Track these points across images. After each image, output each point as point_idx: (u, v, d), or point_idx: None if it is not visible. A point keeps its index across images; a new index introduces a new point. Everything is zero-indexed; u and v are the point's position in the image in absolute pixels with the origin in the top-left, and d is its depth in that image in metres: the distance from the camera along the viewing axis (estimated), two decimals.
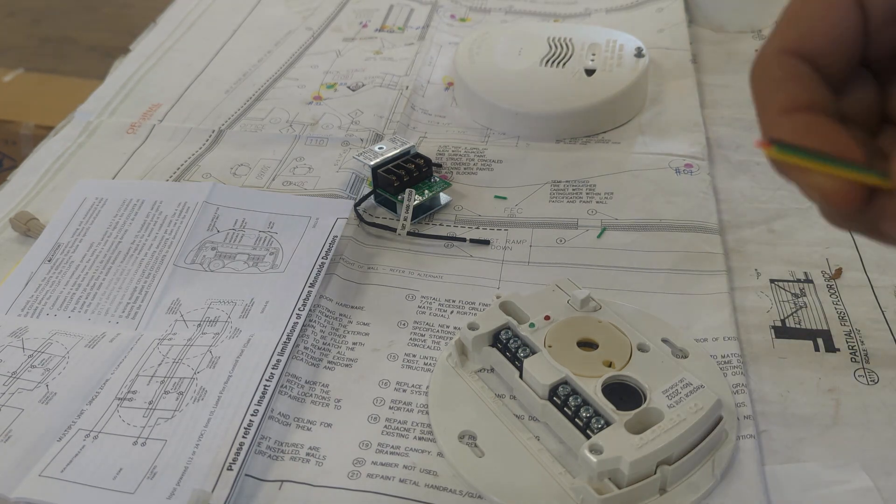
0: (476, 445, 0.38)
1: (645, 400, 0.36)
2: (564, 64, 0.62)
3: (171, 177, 0.58)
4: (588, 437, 0.35)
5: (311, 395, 0.41)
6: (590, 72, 0.61)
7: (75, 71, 1.72)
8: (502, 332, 0.40)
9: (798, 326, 0.44)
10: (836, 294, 0.45)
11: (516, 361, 0.39)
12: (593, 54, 0.62)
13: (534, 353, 0.39)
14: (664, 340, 0.41)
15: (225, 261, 0.49)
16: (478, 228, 0.51)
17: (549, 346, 0.39)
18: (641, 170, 0.56)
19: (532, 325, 0.40)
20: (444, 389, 0.41)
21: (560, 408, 0.37)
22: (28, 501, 0.36)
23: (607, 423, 0.35)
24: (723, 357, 0.41)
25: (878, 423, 0.38)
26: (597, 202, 0.53)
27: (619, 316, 0.41)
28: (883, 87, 0.23)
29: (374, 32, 0.75)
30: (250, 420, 0.38)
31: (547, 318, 0.40)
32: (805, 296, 0.45)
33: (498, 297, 0.42)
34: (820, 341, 0.43)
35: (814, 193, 0.22)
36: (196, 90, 0.68)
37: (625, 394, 0.37)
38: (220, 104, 0.66)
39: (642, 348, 0.39)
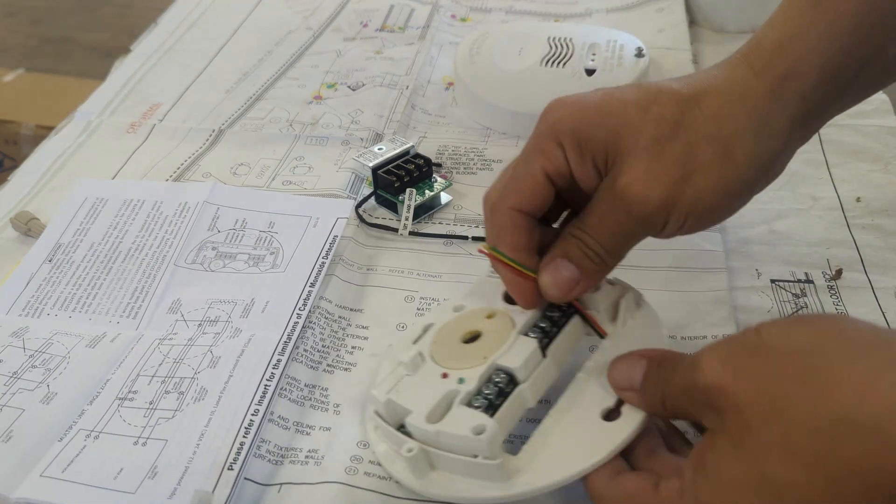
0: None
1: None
2: (565, 64, 0.62)
3: (171, 176, 0.58)
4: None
5: (311, 399, 0.41)
6: (590, 72, 0.61)
7: (75, 71, 1.72)
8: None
9: None
10: (837, 295, 0.45)
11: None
12: (593, 54, 0.62)
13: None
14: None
15: (225, 261, 0.49)
16: (478, 227, 0.51)
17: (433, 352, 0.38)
18: None
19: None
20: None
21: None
22: (29, 501, 0.36)
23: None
24: None
25: None
26: None
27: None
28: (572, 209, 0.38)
29: (375, 32, 0.75)
30: (251, 420, 0.38)
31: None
32: (806, 296, 0.46)
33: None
34: None
35: (507, 282, 0.37)
36: (196, 90, 0.68)
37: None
38: (220, 104, 0.66)
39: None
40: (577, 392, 0.36)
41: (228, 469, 0.36)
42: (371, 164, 0.53)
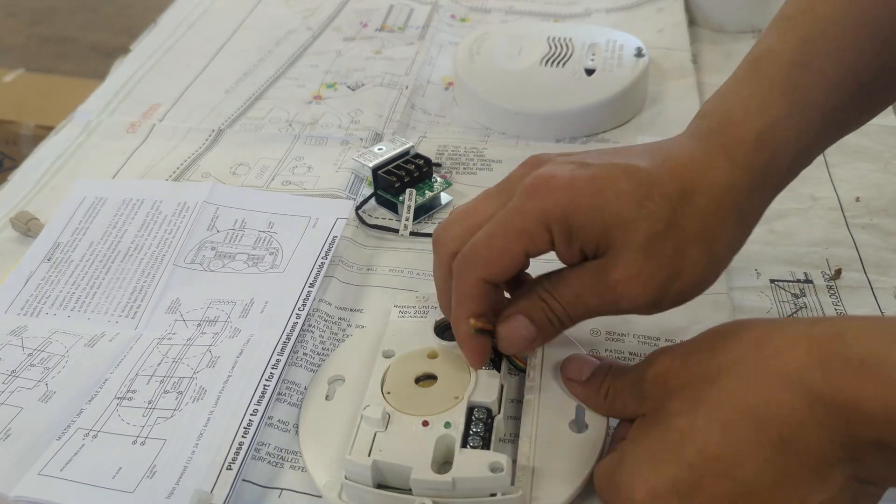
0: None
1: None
2: (564, 64, 0.62)
3: (170, 176, 0.58)
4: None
5: None
6: (590, 71, 0.61)
7: (75, 71, 1.72)
8: None
9: None
10: (836, 295, 0.45)
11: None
12: (593, 54, 0.62)
13: None
14: None
15: (224, 260, 0.49)
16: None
17: (388, 393, 0.38)
18: None
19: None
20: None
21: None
22: (27, 500, 0.36)
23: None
24: None
25: None
26: None
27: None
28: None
29: (375, 32, 0.75)
30: (249, 420, 0.38)
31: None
32: (805, 296, 0.45)
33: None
34: None
35: (466, 346, 0.37)
36: (196, 90, 0.68)
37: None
38: (219, 104, 0.66)
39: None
40: (534, 412, 0.38)
41: (227, 469, 0.36)
42: (371, 165, 0.53)
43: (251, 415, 0.38)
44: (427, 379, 0.38)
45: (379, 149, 0.54)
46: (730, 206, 0.35)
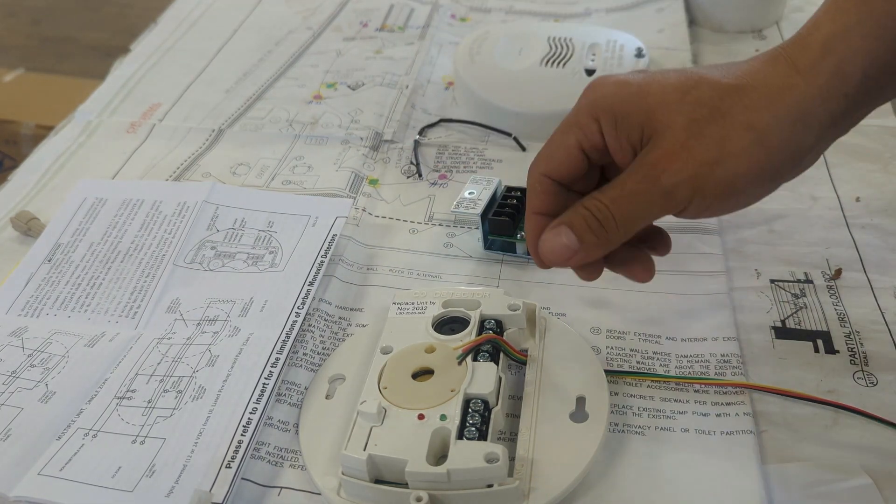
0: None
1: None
2: (564, 64, 0.62)
3: (170, 176, 0.58)
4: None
5: None
6: (590, 72, 0.61)
7: (75, 71, 1.72)
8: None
9: (798, 327, 0.44)
10: (836, 295, 0.45)
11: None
12: (593, 54, 0.62)
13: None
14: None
15: (224, 260, 0.49)
16: (477, 228, 0.51)
17: (385, 388, 0.38)
18: None
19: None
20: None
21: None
22: (27, 500, 0.36)
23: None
24: (722, 356, 0.41)
25: (877, 425, 0.38)
26: None
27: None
28: (602, 174, 0.40)
29: (375, 32, 0.75)
30: (249, 418, 0.38)
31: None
32: (805, 296, 0.45)
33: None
34: (820, 342, 0.43)
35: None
36: (196, 90, 0.68)
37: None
38: (220, 104, 0.66)
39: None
40: (534, 404, 0.38)
41: (226, 467, 0.36)
42: (479, 212, 0.48)
43: (250, 413, 0.38)
44: (424, 374, 0.38)
45: (469, 193, 0.49)
46: (786, 105, 0.34)
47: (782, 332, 0.43)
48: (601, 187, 0.36)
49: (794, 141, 0.34)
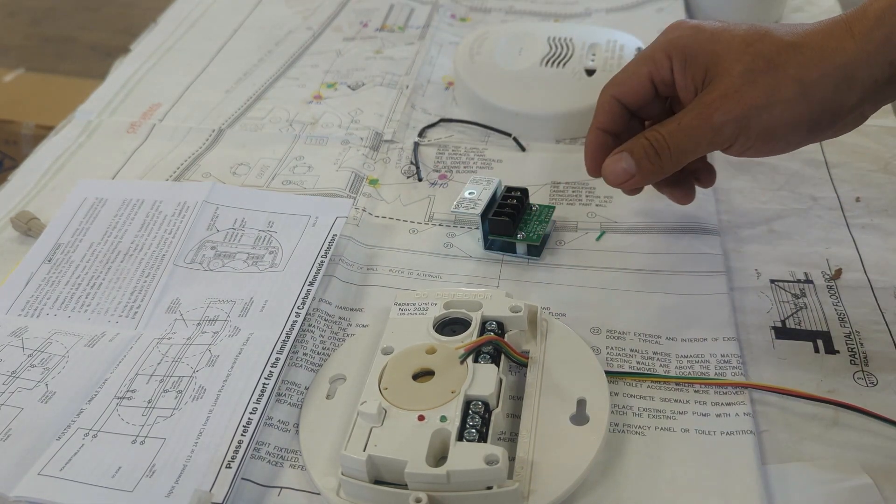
0: None
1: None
2: (564, 64, 0.62)
3: (170, 176, 0.58)
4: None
5: None
6: (590, 72, 0.61)
7: (75, 71, 1.72)
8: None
9: (798, 327, 0.44)
10: (836, 295, 0.45)
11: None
12: (593, 54, 0.62)
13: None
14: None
15: (224, 260, 0.49)
16: (477, 228, 0.51)
17: (385, 389, 0.38)
18: None
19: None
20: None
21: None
22: (27, 500, 0.36)
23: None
24: (722, 356, 0.41)
25: (878, 425, 0.38)
26: (596, 205, 0.53)
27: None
28: (667, 105, 0.45)
29: (375, 32, 0.75)
30: (249, 418, 0.38)
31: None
32: (805, 296, 0.45)
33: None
34: (820, 342, 0.43)
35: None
36: (196, 90, 0.68)
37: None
38: (220, 104, 0.66)
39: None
40: (534, 406, 0.38)
41: (227, 467, 0.36)
42: (479, 212, 0.48)
43: (250, 413, 0.38)
44: (425, 375, 0.38)
45: (469, 193, 0.49)
46: (834, 65, 0.38)
47: (782, 332, 0.43)
48: (661, 122, 0.41)
49: (837, 99, 0.38)
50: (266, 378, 0.40)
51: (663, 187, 0.47)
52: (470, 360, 0.38)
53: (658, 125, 0.41)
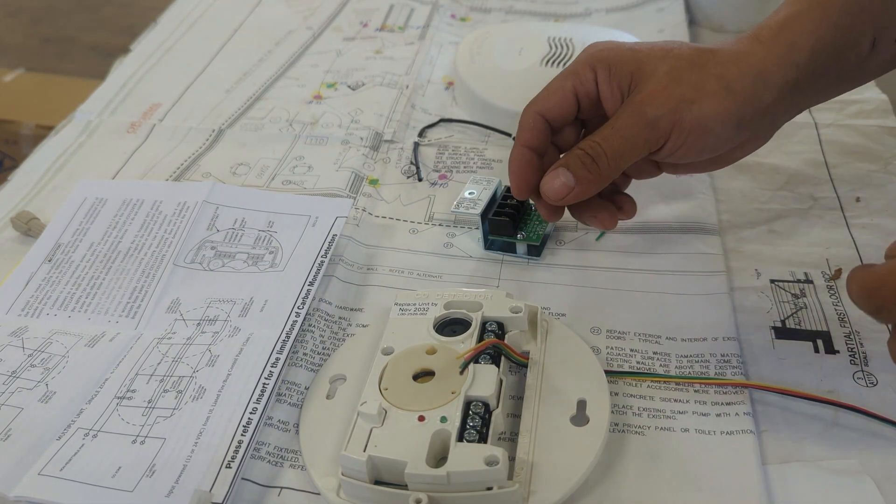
0: None
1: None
2: (565, 64, 0.62)
3: (171, 176, 0.58)
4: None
5: None
6: None
7: (75, 71, 1.72)
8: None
9: (798, 327, 0.44)
10: (836, 295, 0.45)
11: None
12: None
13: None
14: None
15: (224, 260, 0.49)
16: (477, 228, 0.51)
17: (385, 389, 0.38)
18: None
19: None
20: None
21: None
22: (27, 500, 0.36)
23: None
24: (722, 356, 0.41)
25: (877, 425, 0.38)
26: None
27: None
28: (583, 129, 0.46)
29: (375, 32, 0.75)
30: (249, 418, 0.38)
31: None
32: (805, 296, 0.45)
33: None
34: (820, 342, 0.43)
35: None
36: (196, 90, 0.68)
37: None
38: (220, 104, 0.66)
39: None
40: (534, 407, 0.38)
41: (227, 467, 0.36)
42: (479, 212, 0.48)
43: (250, 413, 0.38)
44: (425, 375, 0.38)
45: (469, 193, 0.49)
46: (749, 64, 0.40)
47: (782, 332, 0.43)
48: (594, 131, 0.42)
49: (757, 95, 0.40)
50: (266, 378, 0.40)
51: (586, 213, 0.45)
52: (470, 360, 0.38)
53: (591, 135, 0.41)
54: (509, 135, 0.59)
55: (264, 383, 0.40)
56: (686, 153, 0.41)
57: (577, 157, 0.41)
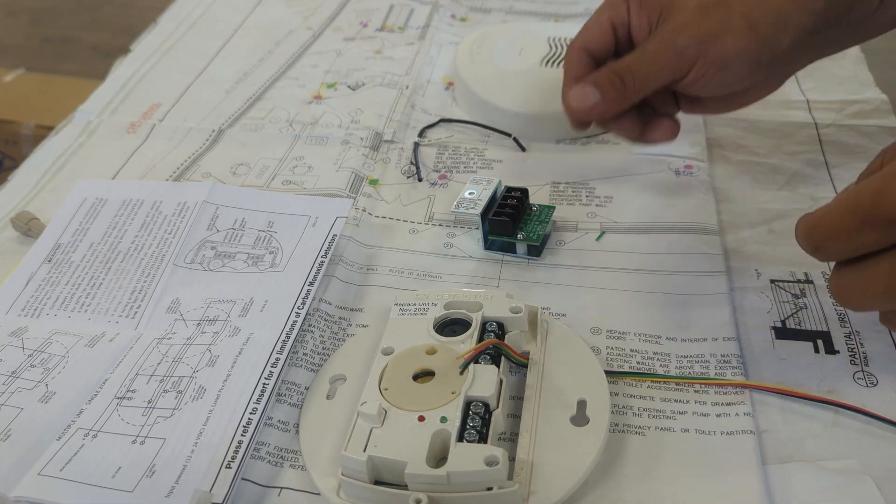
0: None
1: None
2: None
3: (171, 176, 0.58)
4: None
5: None
6: None
7: (75, 71, 1.72)
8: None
9: (798, 328, 0.44)
10: None
11: None
12: None
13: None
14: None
15: (224, 260, 0.49)
16: (477, 228, 0.51)
17: (386, 389, 0.38)
18: (641, 172, 0.55)
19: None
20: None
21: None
22: (27, 500, 0.36)
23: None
24: (722, 356, 0.41)
25: (877, 425, 0.38)
26: (596, 205, 0.53)
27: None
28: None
29: (375, 32, 0.75)
30: (249, 418, 0.38)
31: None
32: (805, 296, 0.45)
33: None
34: (820, 343, 0.43)
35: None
36: (196, 90, 0.68)
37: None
38: (220, 104, 0.66)
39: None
40: (535, 408, 0.38)
41: (227, 467, 0.36)
42: (479, 212, 0.48)
43: (250, 413, 0.38)
44: (425, 375, 0.38)
45: (469, 193, 0.49)
46: (771, 6, 0.42)
47: (782, 332, 0.43)
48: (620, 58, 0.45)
49: (776, 36, 0.42)
50: (266, 378, 0.40)
51: (611, 122, 0.48)
52: (470, 360, 0.38)
53: (619, 59, 0.45)
54: (509, 135, 0.60)
55: (264, 383, 0.40)
56: (704, 86, 0.44)
57: (605, 75, 0.44)
